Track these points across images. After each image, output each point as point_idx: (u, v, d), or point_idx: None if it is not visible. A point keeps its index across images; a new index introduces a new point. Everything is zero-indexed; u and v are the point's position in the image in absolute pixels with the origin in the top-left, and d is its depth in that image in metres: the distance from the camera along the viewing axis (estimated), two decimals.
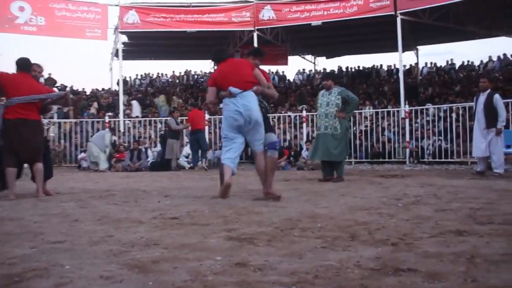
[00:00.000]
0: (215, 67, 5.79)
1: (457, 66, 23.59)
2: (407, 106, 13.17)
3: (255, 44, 16.74)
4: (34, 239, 3.08)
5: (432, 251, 2.58)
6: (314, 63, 25.41)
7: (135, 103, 18.10)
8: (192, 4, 17.65)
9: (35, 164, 5.79)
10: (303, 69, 25.70)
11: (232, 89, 5.08)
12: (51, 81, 20.19)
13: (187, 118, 13.07)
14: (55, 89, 19.86)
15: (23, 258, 2.56)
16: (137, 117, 16.53)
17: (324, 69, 24.10)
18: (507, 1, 15.75)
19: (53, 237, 3.13)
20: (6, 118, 5.58)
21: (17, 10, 15.50)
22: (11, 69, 6.00)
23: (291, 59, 23.75)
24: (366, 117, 14.18)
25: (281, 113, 15.69)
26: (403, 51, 16.00)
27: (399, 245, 2.75)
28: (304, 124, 13.87)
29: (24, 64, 5.79)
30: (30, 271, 2.31)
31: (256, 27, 16.97)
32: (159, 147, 13.46)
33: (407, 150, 12.28)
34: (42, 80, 19.17)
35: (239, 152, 5.22)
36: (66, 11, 16.23)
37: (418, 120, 13.07)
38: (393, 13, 15.03)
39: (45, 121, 14.21)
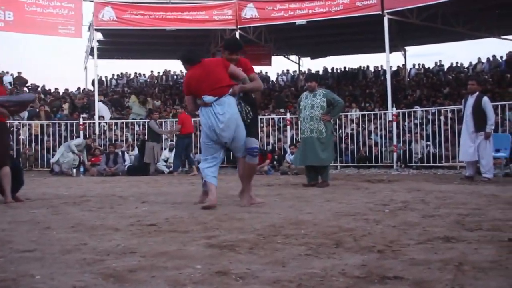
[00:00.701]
0: (186, 70, 5.22)
1: (445, 68, 23.70)
2: (394, 108, 13.15)
3: None
4: (1, 248, 2.96)
5: (419, 258, 2.54)
6: (298, 63, 25.34)
7: (101, 105, 17.16)
8: (172, 1, 17.39)
9: (1, 168, 5.53)
10: (287, 70, 25.66)
11: (206, 98, 4.72)
12: (20, 80, 19.68)
13: (177, 120, 12.77)
14: (25, 89, 19.51)
15: None
16: (111, 119, 16.12)
17: (309, 69, 24.11)
18: (496, 2, 15.83)
19: (22, 246, 3.00)
20: None
21: None
22: None
23: (275, 59, 23.65)
24: (352, 120, 14.16)
25: (264, 115, 15.54)
26: (391, 51, 15.96)
27: (386, 252, 2.70)
28: (288, 127, 13.76)
29: None
30: None
31: (238, 26, 16.66)
32: (136, 151, 13.25)
33: (394, 154, 12.24)
34: (7, 78, 18.75)
35: (219, 162, 5.02)
36: (37, 6, 15.66)
37: (406, 123, 13.05)
38: (380, 12, 14.91)
39: (14, 122, 13.95)
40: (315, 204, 5.10)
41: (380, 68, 23.72)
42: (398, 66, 23.50)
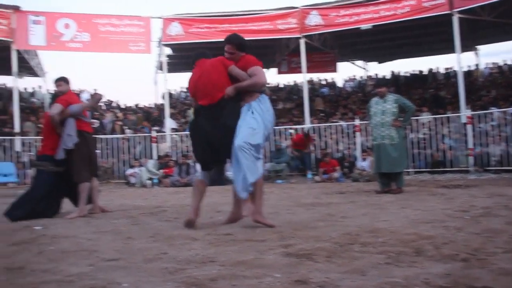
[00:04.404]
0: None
1: None
2: (468, 110, 12.56)
3: (302, 52, 16.52)
4: (89, 257, 3.11)
5: (508, 268, 2.41)
6: (365, 68, 24.92)
7: (168, 120, 17.41)
8: (237, 13, 17.55)
9: (91, 179, 5.90)
10: (353, 76, 25.27)
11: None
12: (96, 97, 20.60)
13: None
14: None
15: (81, 276, 2.58)
16: (175, 130, 16.54)
17: (376, 74, 23.61)
18: None
19: (108, 255, 3.14)
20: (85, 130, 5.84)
21: (63, 27, 15.94)
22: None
23: (340, 65, 23.37)
24: (423, 124, 13.69)
25: (332, 122, 15.40)
26: (462, 52, 15.26)
27: (470, 261, 2.59)
28: (358, 134, 13.51)
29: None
30: None
31: (302, 34, 16.53)
32: None
33: (471, 158, 11.68)
34: (85, 96, 19.75)
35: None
36: (110, 26, 16.47)
37: (482, 125, 12.43)
38: (449, 11, 14.33)
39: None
40: (390, 211, 4.98)
41: (451, 70, 22.77)
42: (469, 67, 22.43)
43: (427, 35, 19.99)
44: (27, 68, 19.08)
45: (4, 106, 18.86)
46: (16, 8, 15.52)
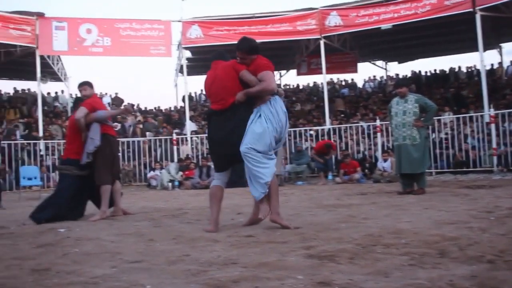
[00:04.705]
0: None
1: None
2: (492, 109, 12.34)
3: (322, 53, 16.49)
4: (112, 259, 3.14)
5: None
6: (385, 69, 24.69)
7: (188, 123, 17.60)
8: (256, 15, 17.59)
9: (114, 182, 5.97)
10: (374, 76, 25.07)
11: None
12: (118, 101, 20.84)
13: None
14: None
15: (105, 278, 2.61)
16: (195, 132, 16.62)
17: (397, 74, 23.36)
18: None
19: (130, 257, 3.17)
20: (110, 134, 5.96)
21: (85, 32, 16.23)
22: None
23: (361, 65, 23.17)
24: (445, 124, 13.51)
25: (353, 123, 15.30)
26: (484, 50, 15.01)
27: (497, 263, 2.55)
28: (379, 134, 13.40)
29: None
30: None
31: (322, 35, 16.52)
32: None
33: (495, 158, 11.47)
34: (106, 99, 20.02)
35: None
36: (131, 30, 16.69)
37: (506, 125, 12.20)
38: (471, 9, 14.09)
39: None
40: (412, 212, 4.93)
41: (473, 68, 22.42)
42: (492, 65, 22.01)
43: (448, 33, 19.67)
44: (50, 73, 19.42)
45: (29, 110, 19.24)
46: (40, 15, 15.85)
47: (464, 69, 22.99)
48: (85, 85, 5.97)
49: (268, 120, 4.18)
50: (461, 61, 35.54)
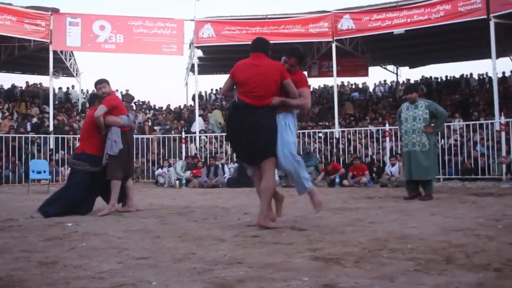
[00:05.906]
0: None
1: None
2: (502, 117, 12.25)
3: (334, 56, 16.44)
4: (119, 255, 3.16)
5: None
6: (396, 73, 24.59)
7: (198, 122, 17.45)
8: (268, 16, 17.59)
9: (127, 179, 6.04)
10: (384, 80, 24.98)
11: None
12: (128, 97, 20.92)
13: None
14: (132, 105, 20.76)
15: (111, 273, 2.63)
16: (203, 131, 16.61)
17: (408, 79, 23.25)
18: None
19: (137, 253, 3.19)
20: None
21: (98, 29, 16.32)
22: (91, 86, 6.33)
23: (372, 70, 23.08)
24: (455, 131, 13.43)
25: (362, 126, 15.25)
26: (497, 57, 14.85)
27: (504, 271, 2.53)
28: (387, 139, 13.36)
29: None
30: (118, 286, 2.37)
31: (334, 38, 16.45)
32: (235, 163, 13.54)
33: (504, 166, 11.40)
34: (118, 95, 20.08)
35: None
36: (143, 28, 16.76)
37: None
38: (485, 17, 13.94)
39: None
40: (419, 218, 4.91)
41: (485, 75, 22.27)
42: (504, 72, 21.82)
43: (461, 40, 19.55)
44: (62, 68, 19.56)
45: (40, 105, 19.39)
46: (55, 10, 15.99)
47: (475, 76, 22.86)
48: (104, 83, 5.98)
49: (294, 130, 4.38)
50: (472, 68, 35.30)
